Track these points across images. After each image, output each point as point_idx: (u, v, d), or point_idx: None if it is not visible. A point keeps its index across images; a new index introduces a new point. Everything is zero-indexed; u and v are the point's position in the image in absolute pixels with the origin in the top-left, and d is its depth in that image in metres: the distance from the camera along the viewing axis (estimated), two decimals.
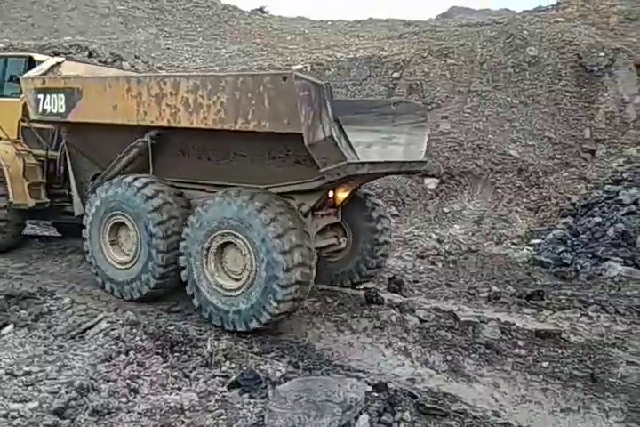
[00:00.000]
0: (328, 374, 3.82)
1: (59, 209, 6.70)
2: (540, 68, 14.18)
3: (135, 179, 5.01)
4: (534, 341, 4.73)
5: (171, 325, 4.57)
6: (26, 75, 5.93)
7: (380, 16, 26.99)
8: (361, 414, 3.17)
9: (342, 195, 5.32)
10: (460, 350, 4.51)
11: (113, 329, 4.31)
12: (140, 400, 3.31)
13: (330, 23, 27.31)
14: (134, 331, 4.25)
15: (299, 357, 4.09)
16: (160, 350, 3.97)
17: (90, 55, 14.31)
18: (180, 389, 3.51)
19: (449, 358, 4.35)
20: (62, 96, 5.30)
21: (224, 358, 3.93)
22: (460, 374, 4.21)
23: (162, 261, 4.81)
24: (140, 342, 4.07)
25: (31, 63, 6.51)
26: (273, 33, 25.04)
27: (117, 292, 5.17)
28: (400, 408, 3.35)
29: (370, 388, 3.55)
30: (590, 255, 7.83)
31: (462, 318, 5.06)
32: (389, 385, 3.66)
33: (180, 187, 5.15)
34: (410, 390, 3.69)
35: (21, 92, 6.17)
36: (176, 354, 3.98)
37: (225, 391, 3.49)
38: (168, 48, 21.55)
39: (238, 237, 4.32)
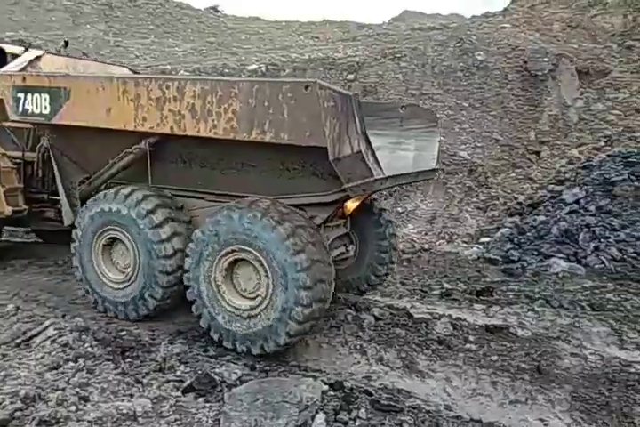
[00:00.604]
0: (284, 375, 3.82)
1: (38, 215, 6.19)
2: (487, 73, 14.68)
3: (133, 191, 4.57)
4: (484, 336, 4.89)
5: (122, 330, 4.45)
6: (2, 70, 5.43)
7: (335, 18, 27.21)
8: (317, 413, 3.20)
9: (353, 205, 4.99)
10: (413, 346, 4.61)
11: (61, 336, 4.15)
12: (90, 408, 3.21)
13: (284, 24, 27.31)
14: (83, 337, 4.12)
15: (255, 359, 4.08)
16: (111, 357, 3.86)
17: None
18: (132, 395, 3.42)
19: (403, 354, 4.44)
20: (47, 96, 4.86)
21: (178, 363, 3.87)
22: (414, 370, 4.30)
23: (164, 281, 4.41)
24: (89, 349, 3.94)
25: (1, 55, 6.01)
26: (227, 32, 24.80)
27: (112, 312, 4.74)
28: (356, 406, 3.40)
29: (326, 387, 3.58)
30: (536, 252, 8.15)
31: (416, 316, 5.18)
32: (345, 384, 3.71)
33: (178, 195, 4.80)
34: (365, 387, 3.75)
35: None
36: (128, 360, 3.88)
37: (179, 396, 3.44)
38: (118, 45, 20.94)
39: (251, 253, 3.95)
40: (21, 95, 5.03)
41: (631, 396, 4.00)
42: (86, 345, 4.00)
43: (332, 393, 3.54)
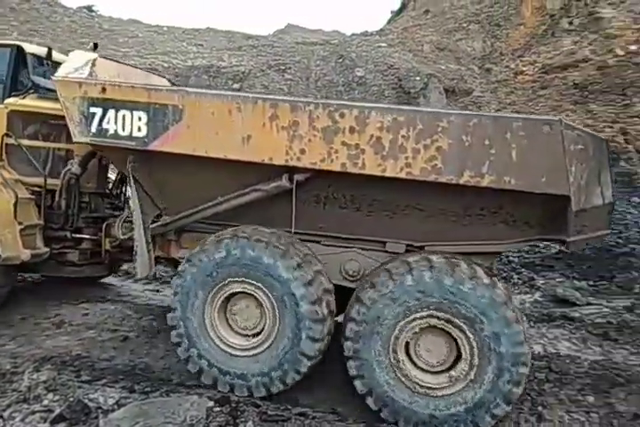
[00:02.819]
0: (167, 395, 3.66)
1: (56, 258, 4.94)
2: (366, 88, 15.51)
3: (279, 237, 3.79)
4: None
5: None
6: (62, 75, 4.05)
7: (220, 27, 26.98)
8: None
9: None
10: None
11: None
12: None
13: (166, 29, 26.45)
14: None
15: (135, 380, 3.85)
16: None
17: None
18: None
19: None
20: (142, 114, 3.82)
21: (45, 391, 3.53)
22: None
23: (313, 350, 3.60)
24: None
25: (20, 56, 4.88)
26: (102, 34, 23.41)
27: (244, 389, 3.74)
28: (243, 419, 3.35)
29: (212, 403, 3.48)
30: None
31: None
32: (232, 398, 3.64)
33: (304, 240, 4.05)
34: (252, 399, 3.72)
35: (4, 97, 4.76)
36: None
37: None
38: None
39: (451, 322, 3.32)
40: (97, 111, 3.91)
41: None
42: None
43: (217, 409, 3.45)
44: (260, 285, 3.65)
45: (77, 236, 4.93)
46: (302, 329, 3.57)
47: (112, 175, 5.72)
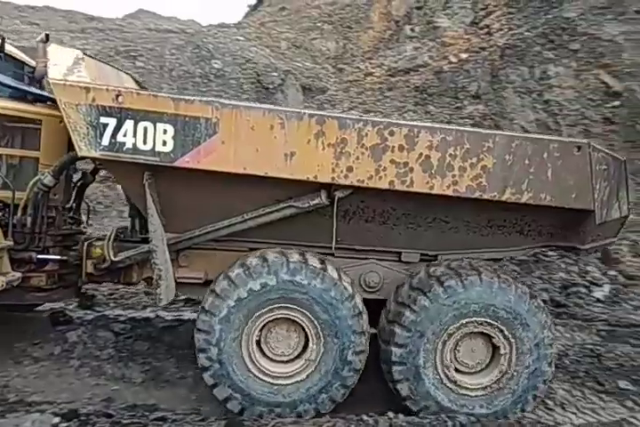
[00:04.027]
0: (2, 416, 3.29)
1: (20, 283, 4.08)
2: (225, 81, 15.25)
3: (322, 261, 3.76)
4: None
5: None
6: (60, 77, 3.46)
7: (59, 6, 24.43)
8: None
9: None
10: (159, 357, 4.51)
11: None
12: None
13: None
14: None
15: None
16: None
17: None
18: None
19: (147, 367, 4.31)
20: (169, 127, 3.44)
21: None
22: (161, 380, 4.22)
23: (351, 378, 3.73)
24: None
25: None
26: None
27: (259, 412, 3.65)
28: None
29: (57, 419, 3.23)
30: None
31: (160, 325, 5.07)
32: (81, 411, 3.41)
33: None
34: (105, 410, 3.53)
35: None
36: None
37: None
38: None
39: (496, 328, 3.74)
40: (110, 121, 3.44)
41: None
42: None
43: (64, 425, 3.20)
44: (300, 308, 3.64)
45: (43, 257, 4.27)
46: (348, 345, 3.65)
47: None
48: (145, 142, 3.51)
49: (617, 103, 13.46)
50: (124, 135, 3.49)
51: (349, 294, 3.66)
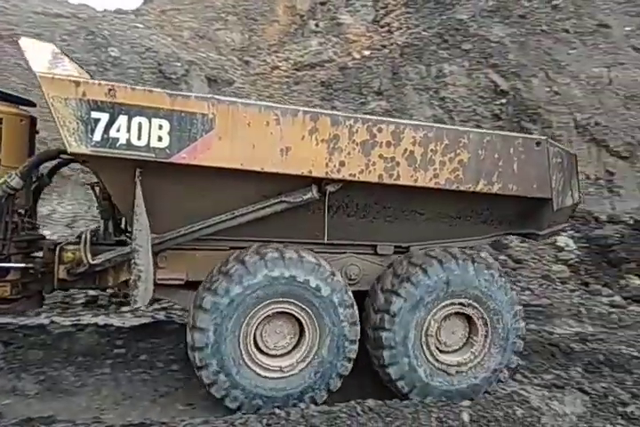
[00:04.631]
0: None
1: None
2: (122, 70, 14.44)
3: (316, 257, 3.95)
4: (132, 337, 4.92)
5: None
6: (45, 70, 3.29)
7: None
8: None
9: None
10: (55, 365, 4.26)
11: None
12: None
13: None
14: None
15: None
16: None
17: None
18: None
19: (42, 377, 4.05)
20: (164, 123, 3.40)
21: None
22: (58, 390, 3.99)
23: (346, 368, 3.93)
24: None
25: None
26: None
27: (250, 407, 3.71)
28: None
29: None
30: None
31: (56, 331, 4.78)
32: None
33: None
34: None
35: None
36: None
37: None
38: None
39: (478, 311, 4.10)
40: (102, 116, 3.34)
41: None
42: None
43: None
44: (296, 301, 3.76)
45: (9, 265, 3.94)
46: (343, 336, 3.84)
47: None
48: (139, 138, 3.43)
49: (504, 101, 14.62)
50: (118, 131, 3.39)
51: (342, 285, 3.89)
